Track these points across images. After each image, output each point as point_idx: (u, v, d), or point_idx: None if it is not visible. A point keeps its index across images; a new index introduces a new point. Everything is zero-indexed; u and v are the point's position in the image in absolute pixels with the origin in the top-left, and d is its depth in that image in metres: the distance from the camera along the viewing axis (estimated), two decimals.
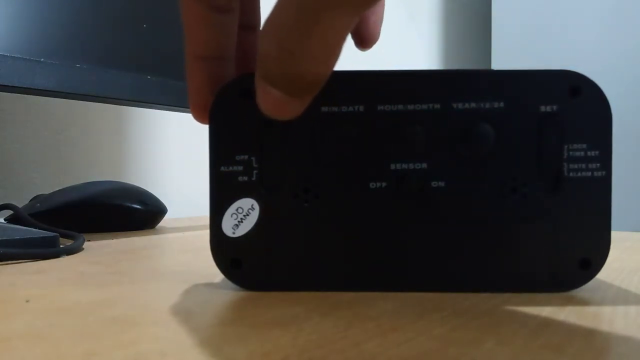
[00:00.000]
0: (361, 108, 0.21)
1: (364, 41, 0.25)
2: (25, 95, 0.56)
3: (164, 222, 0.53)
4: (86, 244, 0.36)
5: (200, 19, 0.20)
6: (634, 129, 1.10)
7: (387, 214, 0.22)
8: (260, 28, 0.24)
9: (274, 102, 0.18)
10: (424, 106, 0.21)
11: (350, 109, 0.21)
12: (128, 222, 0.47)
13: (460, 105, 0.21)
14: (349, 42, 0.25)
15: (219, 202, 0.22)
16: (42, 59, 0.38)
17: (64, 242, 0.35)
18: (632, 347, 0.15)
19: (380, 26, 0.26)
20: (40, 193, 0.51)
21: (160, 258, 0.32)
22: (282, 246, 0.22)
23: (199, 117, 0.22)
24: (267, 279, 0.22)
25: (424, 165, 0.22)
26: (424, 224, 0.22)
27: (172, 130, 0.74)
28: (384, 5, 0.26)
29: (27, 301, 0.20)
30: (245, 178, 0.22)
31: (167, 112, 0.64)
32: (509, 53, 1.27)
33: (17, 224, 0.39)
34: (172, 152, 0.75)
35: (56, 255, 0.31)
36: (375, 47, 0.26)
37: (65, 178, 0.62)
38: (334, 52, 0.17)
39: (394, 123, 0.21)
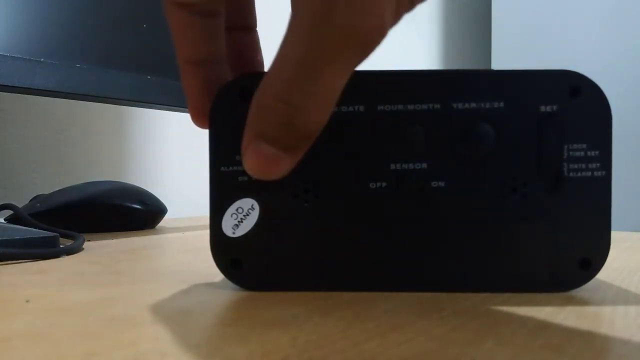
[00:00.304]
0: (361, 108, 0.21)
1: None
2: (25, 95, 0.56)
3: (164, 222, 0.53)
4: (86, 244, 0.36)
5: (185, 25, 0.21)
6: (634, 129, 1.10)
7: (387, 214, 0.22)
8: (256, 29, 0.24)
9: (266, 160, 0.18)
10: (424, 106, 0.21)
11: (351, 109, 0.21)
12: (128, 222, 0.47)
13: (460, 105, 0.21)
14: None
15: (219, 202, 0.22)
16: (42, 59, 0.38)
17: (64, 242, 0.35)
18: (632, 347, 0.15)
19: None
20: (40, 193, 0.51)
21: (160, 258, 0.32)
22: (282, 246, 0.22)
23: (199, 122, 0.22)
24: (267, 279, 0.22)
25: (424, 165, 0.22)
26: (424, 224, 0.22)
27: (172, 130, 0.75)
28: None
29: (27, 301, 0.20)
30: (245, 178, 0.22)
31: (167, 112, 0.64)
32: (509, 53, 1.27)
33: (17, 224, 0.39)
34: (172, 152, 0.75)
35: (56, 255, 0.31)
36: None
37: (65, 178, 0.62)
38: (334, 101, 0.17)
39: (394, 123, 0.21)
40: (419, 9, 1.28)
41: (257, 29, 0.24)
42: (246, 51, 0.24)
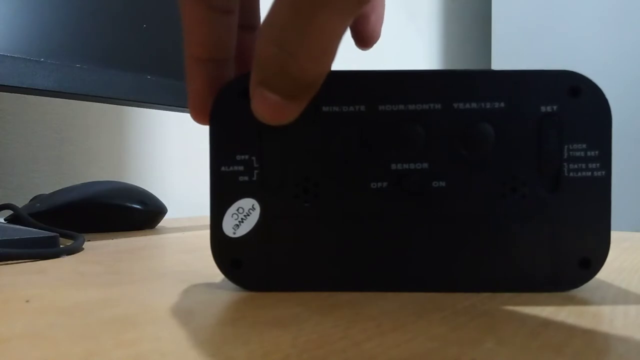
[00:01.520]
0: (362, 108, 0.21)
1: (364, 40, 0.25)
2: (25, 95, 0.56)
3: (164, 222, 0.53)
4: (86, 244, 0.36)
5: (200, 20, 0.20)
6: (634, 129, 1.10)
7: (387, 214, 0.22)
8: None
9: (272, 107, 0.18)
10: (425, 106, 0.21)
11: (351, 109, 0.21)
12: (128, 222, 0.47)
13: (460, 105, 0.21)
14: (350, 42, 0.25)
15: (220, 202, 0.22)
16: (42, 59, 0.38)
17: (64, 242, 0.35)
18: (632, 347, 0.15)
19: (381, 25, 0.26)
20: (40, 193, 0.51)
21: (160, 258, 0.32)
22: (283, 246, 0.22)
23: (199, 119, 0.22)
24: (267, 279, 0.22)
25: (425, 165, 0.22)
26: (424, 223, 0.22)
27: (172, 130, 0.75)
28: (384, 4, 0.26)
29: (27, 301, 0.20)
30: (246, 178, 0.22)
31: (167, 112, 0.64)
32: (509, 53, 1.27)
33: (17, 224, 0.39)
34: (172, 152, 0.75)
35: (56, 255, 0.31)
36: (375, 47, 0.27)
37: (65, 178, 0.62)
38: (331, 50, 0.17)
39: (395, 123, 0.21)
40: (419, 9, 1.28)
41: None
42: (248, 51, 0.24)
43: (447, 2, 1.40)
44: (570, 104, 0.21)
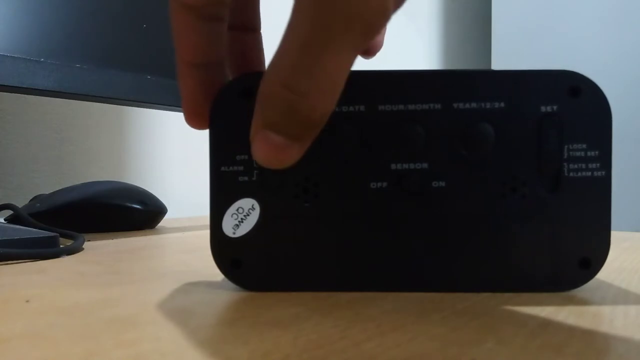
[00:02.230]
0: (362, 108, 0.21)
1: (368, 51, 0.25)
2: (25, 95, 0.56)
3: (164, 222, 0.53)
4: (86, 244, 0.36)
5: (190, 28, 0.20)
6: (634, 129, 1.10)
7: (387, 214, 0.22)
8: (260, 30, 0.24)
9: (275, 149, 0.18)
10: (425, 106, 0.21)
11: (351, 108, 0.21)
12: (128, 222, 0.47)
13: (460, 105, 0.21)
14: None
15: (220, 202, 0.22)
16: (42, 59, 0.38)
17: (64, 242, 0.35)
18: (632, 347, 0.15)
19: (384, 36, 0.26)
20: (40, 193, 0.51)
21: (160, 258, 0.32)
22: (282, 246, 0.22)
23: (193, 123, 0.22)
24: (267, 279, 0.22)
25: (425, 165, 0.22)
26: (424, 223, 0.22)
27: (172, 130, 0.75)
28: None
29: (27, 301, 0.20)
30: (246, 178, 0.22)
31: (167, 112, 0.64)
32: (509, 53, 1.27)
33: (17, 224, 0.39)
34: (172, 152, 0.75)
35: (56, 255, 0.31)
36: None
37: (65, 178, 0.62)
38: (340, 86, 0.17)
39: (395, 123, 0.21)
40: (419, 9, 1.28)
41: (261, 31, 0.24)
42: (249, 52, 0.24)
43: (447, 2, 1.40)
44: (570, 104, 0.21)
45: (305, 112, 0.17)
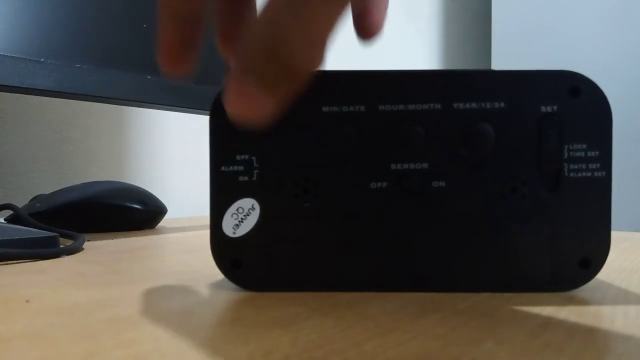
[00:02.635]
0: (362, 108, 0.21)
1: (367, 31, 0.25)
2: (25, 95, 0.56)
3: (164, 222, 0.53)
4: (86, 244, 0.36)
5: None
6: (634, 129, 1.10)
7: (387, 214, 0.22)
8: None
9: (248, 96, 0.17)
10: (425, 106, 0.21)
11: (351, 109, 0.21)
12: (128, 222, 0.47)
13: (460, 105, 0.21)
14: (350, 43, 0.25)
15: (220, 202, 0.22)
16: (42, 59, 0.38)
17: (64, 242, 0.35)
18: (632, 346, 0.15)
19: (384, 17, 0.25)
20: (40, 193, 0.51)
21: (160, 258, 0.32)
22: (282, 246, 0.22)
23: (167, 66, 0.21)
24: (267, 279, 0.22)
25: (425, 165, 0.22)
26: (424, 223, 0.22)
27: (172, 130, 0.75)
28: None
29: (27, 301, 0.20)
30: (246, 178, 0.22)
31: (167, 112, 0.64)
32: (509, 53, 1.27)
33: (17, 224, 0.39)
34: (172, 152, 0.75)
35: (56, 255, 0.31)
36: (375, 46, 0.26)
37: (65, 178, 0.62)
38: (323, 41, 0.17)
39: (395, 123, 0.21)
40: (419, 9, 1.28)
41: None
42: (236, 24, 0.23)
43: (447, 2, 1.40)
44: (570, 104, 0.21)
45: (284, 56, 0.17)
